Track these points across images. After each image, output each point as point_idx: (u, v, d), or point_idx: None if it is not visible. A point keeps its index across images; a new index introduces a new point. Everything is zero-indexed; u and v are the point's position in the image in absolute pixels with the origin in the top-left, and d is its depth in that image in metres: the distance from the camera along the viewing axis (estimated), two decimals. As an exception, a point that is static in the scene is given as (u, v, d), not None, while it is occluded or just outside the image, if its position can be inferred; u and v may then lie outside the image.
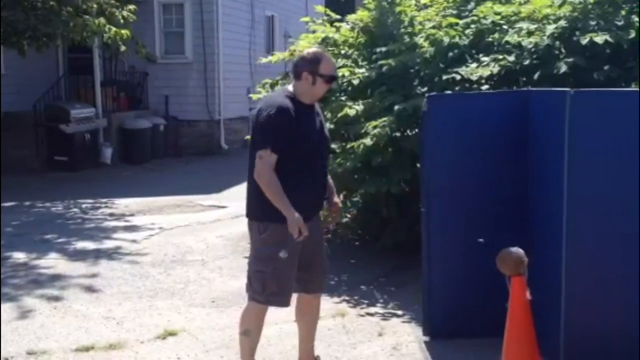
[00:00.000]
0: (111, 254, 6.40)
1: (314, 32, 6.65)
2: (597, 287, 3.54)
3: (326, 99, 6.02)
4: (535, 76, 4.99)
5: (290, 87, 3.46)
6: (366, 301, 4.98)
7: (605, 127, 3.46)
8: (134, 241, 6.86)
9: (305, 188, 3.38)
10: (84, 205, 8.90)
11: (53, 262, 6.08)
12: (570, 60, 4.87)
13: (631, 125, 3.41)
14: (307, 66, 3.40)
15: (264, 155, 3.28)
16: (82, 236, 7.13)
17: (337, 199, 3.64)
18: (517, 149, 4.02)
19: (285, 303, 3.47)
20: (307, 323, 3.65)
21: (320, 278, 3.61)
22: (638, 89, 4.26)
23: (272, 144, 3.28)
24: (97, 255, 6.37)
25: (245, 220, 3.52)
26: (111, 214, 8.32)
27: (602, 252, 3.52)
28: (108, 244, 6.78)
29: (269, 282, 3.38)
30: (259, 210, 3.40)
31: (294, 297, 3.58)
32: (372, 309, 4.80)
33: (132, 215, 8.24)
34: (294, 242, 3.34)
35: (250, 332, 3.50)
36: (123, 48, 10.63)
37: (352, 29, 6.39)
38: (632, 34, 4.77)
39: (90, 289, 5.35)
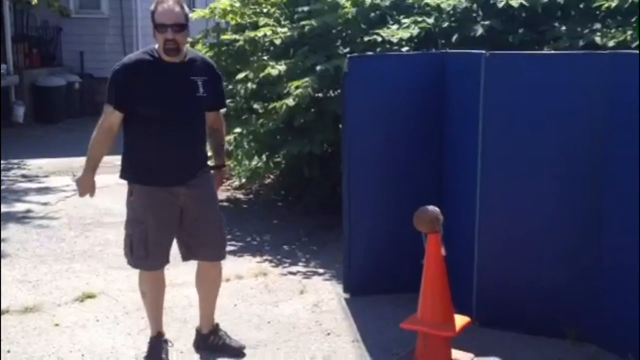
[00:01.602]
0: (24, 217, 6.19)
1: (236, -12, 6.52)
2: (508, 243, 3.71)
3: (246, 58, 5.96)
4: (454, 39, 5.08)
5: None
6: (288, 260, 5.03)
7: (518, 89, 3.59)
8: (48, 203, 6.66)
9: (161, 149, 3.24)
10: (-6, 167, 8.54)
11: (-38, 226, 5.84)
12: (486, 23, 4.98)
13: (543, 87, 3.54)
14: (151, 18, 3.22)
15: (106, 112, 3.24)
16: (-7, 198, 6.85)
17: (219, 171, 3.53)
18: (435, 111, 4.11)
19: (153, 267, 3.39)
20: (206, 290, 3.55)
21: (212, 246, 3.44)
22: (550, 52, 4.41)
23: (114, 99, 3.21)
24: (9, 217, 6.14)
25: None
26: (24, 175, 8.02)
27: (513, 210, 3.68)
28: (21, 206, 6.55)
29: (136, 246, 3.30)
30: (126, 172, 3.35)
31: (194, 263, 3.53)
32: (294, 268, 4.86)
33: (46, 176, 7.96)
34: (161, 206, 3.29)
35: (145, 295, 3.47)
36: (34, 1, 10.11)
37: (275, -14, 6.31)
38: (546, -2, 4.91)
39: (2, 253, 5.17)
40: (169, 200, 3.31)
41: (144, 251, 3.30)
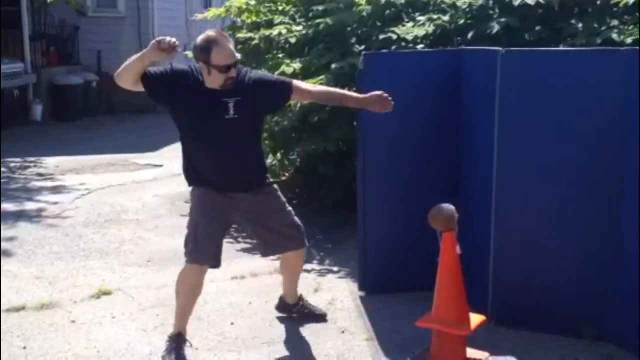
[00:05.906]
0: (41, 214, 6.24)
1: (251, -13, 6.53)
2: (524, 241, 3.68)
3: (262, 56, 5.97)
4: (469, 36, 5.05)
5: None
6: (303, 258, 5.02)
7: (535, 86, 3.56)
8: (65, 201, 6.71)
9: (206, 163, 3.43)
10: (11, 165, 8.62)
11: (-20, 223, 5.90)
12: (503, 20, 4.94)
13: (559, 83, 3.51)
14: (199, 55, 3.32)
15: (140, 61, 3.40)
16: (8, 196, 6.91)
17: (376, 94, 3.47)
18: (451, 108, 4.09)
19: (199, 260, 3.47)
20: (290, 274, 3.91)
21: (285, 240, 3.65)
22: (567, 49, 4.37)
23: (150, 71, 3.35)
24: (26, 215, 6.21)
25: (181, 179, 3.62)
26: (40, 174, 8.09)
27: (529, 208, 3.65)
28: (38, 204, 6.61)
29: (189, 241, 3.46)
30: (186, 176, 3.55)
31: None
32: (308, 266, 4.85)
33: (63, 174, 8.03)
34: (213, 204, 3.44)
35: (179, 295, 3.52)
36: (50, -1, 10.21)
37: (290, -15, 6.31)
38: (563, -4, 4.87)
39: (19, 249, 5.22)
40: (223, 201, 3.46)
41: (194, 245, 3.43)
